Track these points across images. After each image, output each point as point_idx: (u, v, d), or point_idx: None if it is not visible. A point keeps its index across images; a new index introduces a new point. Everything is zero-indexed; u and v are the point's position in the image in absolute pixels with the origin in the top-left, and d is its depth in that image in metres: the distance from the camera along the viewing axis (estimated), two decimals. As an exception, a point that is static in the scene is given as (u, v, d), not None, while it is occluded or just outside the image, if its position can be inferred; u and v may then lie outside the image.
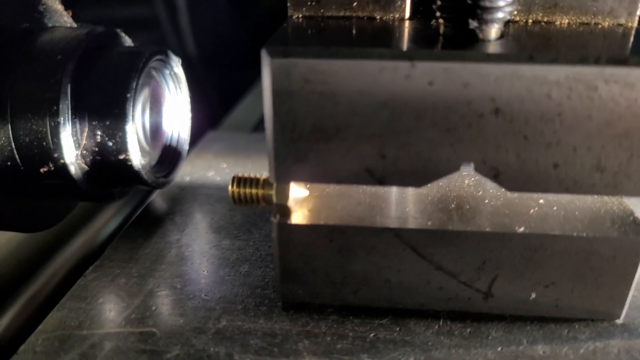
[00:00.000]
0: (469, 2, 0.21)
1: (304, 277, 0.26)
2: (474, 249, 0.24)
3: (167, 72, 0.33)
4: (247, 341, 0.24)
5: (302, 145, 0.22)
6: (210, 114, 0.61)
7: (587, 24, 0.25)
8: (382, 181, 0.23)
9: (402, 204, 0.26)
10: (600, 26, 0.25)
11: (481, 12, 0.21)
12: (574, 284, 0.25)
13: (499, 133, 0.21)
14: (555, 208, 0.25)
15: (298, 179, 0.23)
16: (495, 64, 0.20)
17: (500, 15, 0.22)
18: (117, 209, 0.41)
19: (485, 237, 0.24)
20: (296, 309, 0.26)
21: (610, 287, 0.25)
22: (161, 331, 0.25)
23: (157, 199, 0.37)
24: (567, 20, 0.25)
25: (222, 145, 0.46)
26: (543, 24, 0.25)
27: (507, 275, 0.25)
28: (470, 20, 0.22)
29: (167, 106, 0.34)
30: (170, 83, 0.34)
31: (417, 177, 0.23)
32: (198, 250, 0.31)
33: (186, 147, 0.35)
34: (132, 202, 0.42)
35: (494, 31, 0.22)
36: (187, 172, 0.41)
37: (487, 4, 0.21)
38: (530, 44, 0.22)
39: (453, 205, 0.26)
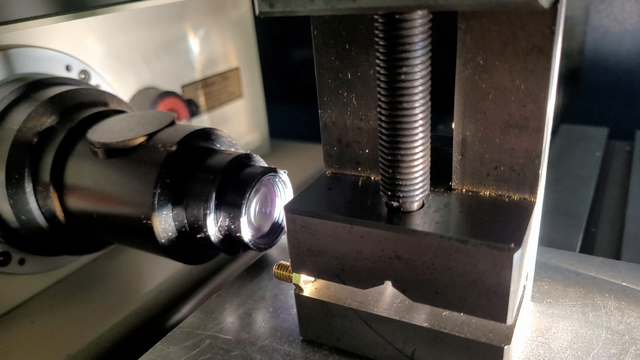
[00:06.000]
0: (389, 192, 0.37)
1: (312, 325, 0.44)
2: (399, 329, 0.40)
3: (277, 180, 0.54)
4: (273, 356, 0.44)
5: (303, 257, 0.41)
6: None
7: (502, 195, 0.39)
8: (345, 282, 0.40)
9: (371, 292, 0.42)
10: (509, 199, 0.38)
11: (400, 196, 0.37)
12: None
13: (401, 268, 0.37)
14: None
15: (304, 272, 0.42)
16: (393, 232, 0.36)
17: (416, 196, 0.37)
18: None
19: (404, 324, 0.39)
20: (308, 342, 0.45)
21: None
22: (233, 337, 0.46)
23: (271, 251, 0.59)
24: (488, 192, 0.39)
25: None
26: (471, 192, 0.40)
27: (422, 349, 0.40)
28: (392, 201, 0.38)
29: (276, 200, 0.55)
30: (280, 187, 0.55)
31: (363, 282, 0.39)
32: (280, 294, 0.52)
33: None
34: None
35: (414, 205, 0.38)
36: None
37: (402, 194, 0.37)
38: (436, 215, 0.37)
39: (399, 299, 0.41)
